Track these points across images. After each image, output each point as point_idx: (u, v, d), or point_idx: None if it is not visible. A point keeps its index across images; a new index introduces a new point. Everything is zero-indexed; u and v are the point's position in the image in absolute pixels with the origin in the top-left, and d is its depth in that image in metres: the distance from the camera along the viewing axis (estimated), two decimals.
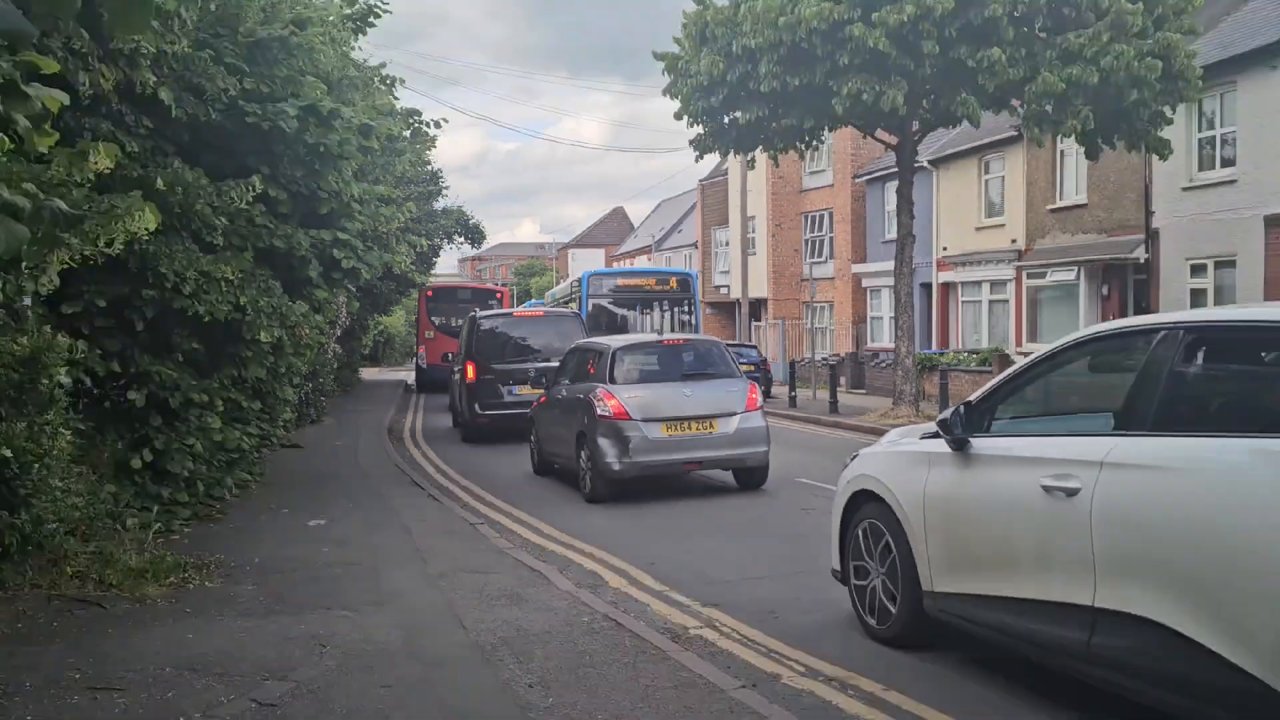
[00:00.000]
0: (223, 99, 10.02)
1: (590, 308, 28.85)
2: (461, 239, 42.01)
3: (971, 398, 6.22)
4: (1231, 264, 22.80)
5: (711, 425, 12.66)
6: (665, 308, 29.93)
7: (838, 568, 7.29)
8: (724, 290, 48.57)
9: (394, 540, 10.52)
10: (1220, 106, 23.29)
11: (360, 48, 16.11)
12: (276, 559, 9.50)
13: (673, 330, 27.69)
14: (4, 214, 2.71)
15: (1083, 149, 22.15)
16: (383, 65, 18.35)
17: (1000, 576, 5.65)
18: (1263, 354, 5.02)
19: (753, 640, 6.88)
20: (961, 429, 5.98)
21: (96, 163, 5.26)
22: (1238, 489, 4.30)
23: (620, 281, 32.30)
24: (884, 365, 30.72)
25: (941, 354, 30.75)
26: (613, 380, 12.85)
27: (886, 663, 6.33)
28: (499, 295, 41.57)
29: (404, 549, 10.05)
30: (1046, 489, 5.19)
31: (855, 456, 7.45)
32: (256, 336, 10.81)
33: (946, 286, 34.02)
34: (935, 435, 6.30)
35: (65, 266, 7.28)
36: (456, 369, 22.62)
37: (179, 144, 10.24)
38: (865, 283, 39.22)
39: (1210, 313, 5.04)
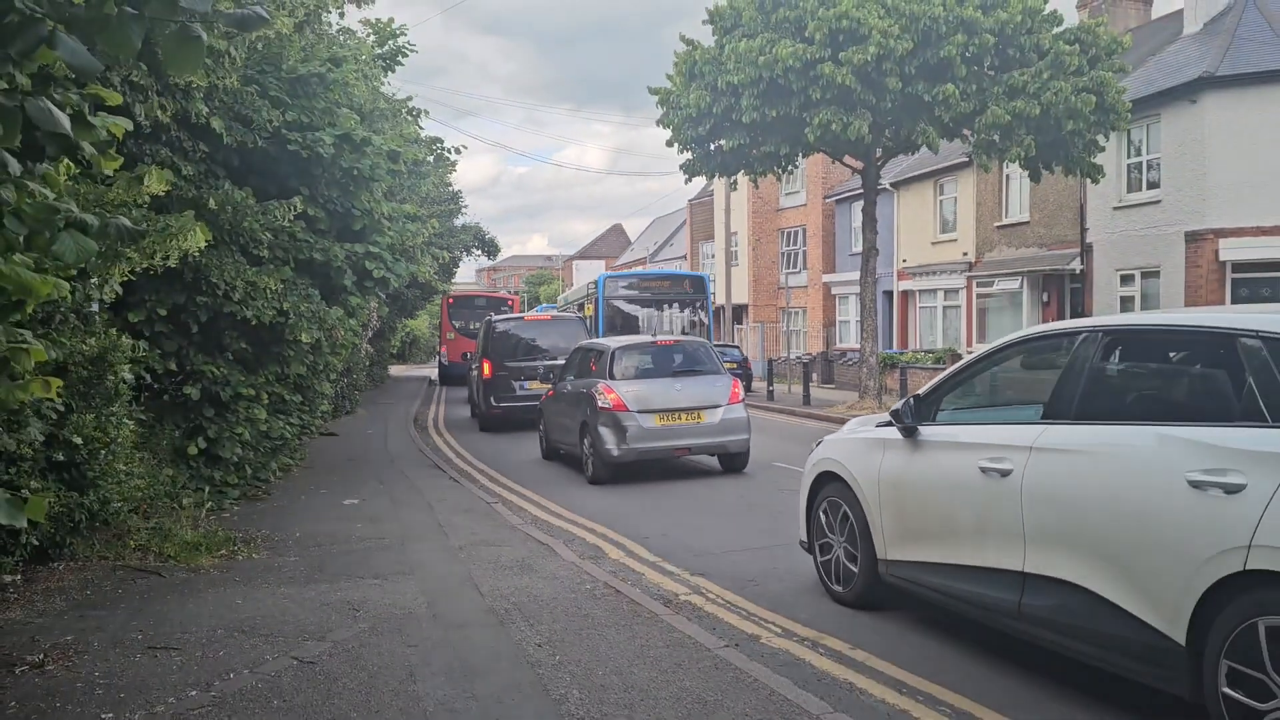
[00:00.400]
0: (267, 128, 10.05)
1: (606, 309, 27.51)
2: (479, 251, 42.05)
3: (920, 391, 6.40)
4: (1156, 274, 22.96)
5: (699, 416, 12.77)
6: (679, 308, 28.15)
7: (805, 540, 7.40)
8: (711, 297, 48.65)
9: (418, 517, 10.54)
10: (1146, 136, 23.39)
11: (389, 82, 16.13)
12: (315, 534, 9.53)
13: (685, 331, 26.10)
14: (75, 229, 2.71)
15: (1026, 173, 22.24)
16: (409, 98, 18.36)
17: (943, 546, 5.79)
18: (1168, 353, 5.25)
19: (735, 605, 6.92)
20: (911, 418, 6.14)
21: (150, 186, 5.26)
22: (1144, 470, 4.47)
23: (634, 282, 30.16)
24: (851, 363, 30.72)
25: (901, 353, 30.81)
26: (612, 376, 12.93)
27: (852, 624, 6.37)
28: (510, 303, 42.29)
29: (427, 525, 10.07)
30: (984, 470, 5.37)
31: (820, 443, 7.54)
32: (298, 337, 10.87)
33: (906, 294, 34.05)
34: (888, 424, 6.41)
35: (126, 279, 7.31)
36: (474, 366, 22.81)
37: (229, 167, 10.27)
38: (834, 290, 39.24)
39: (1125, 317, 5.47)
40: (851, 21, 18.87)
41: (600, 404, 12.58)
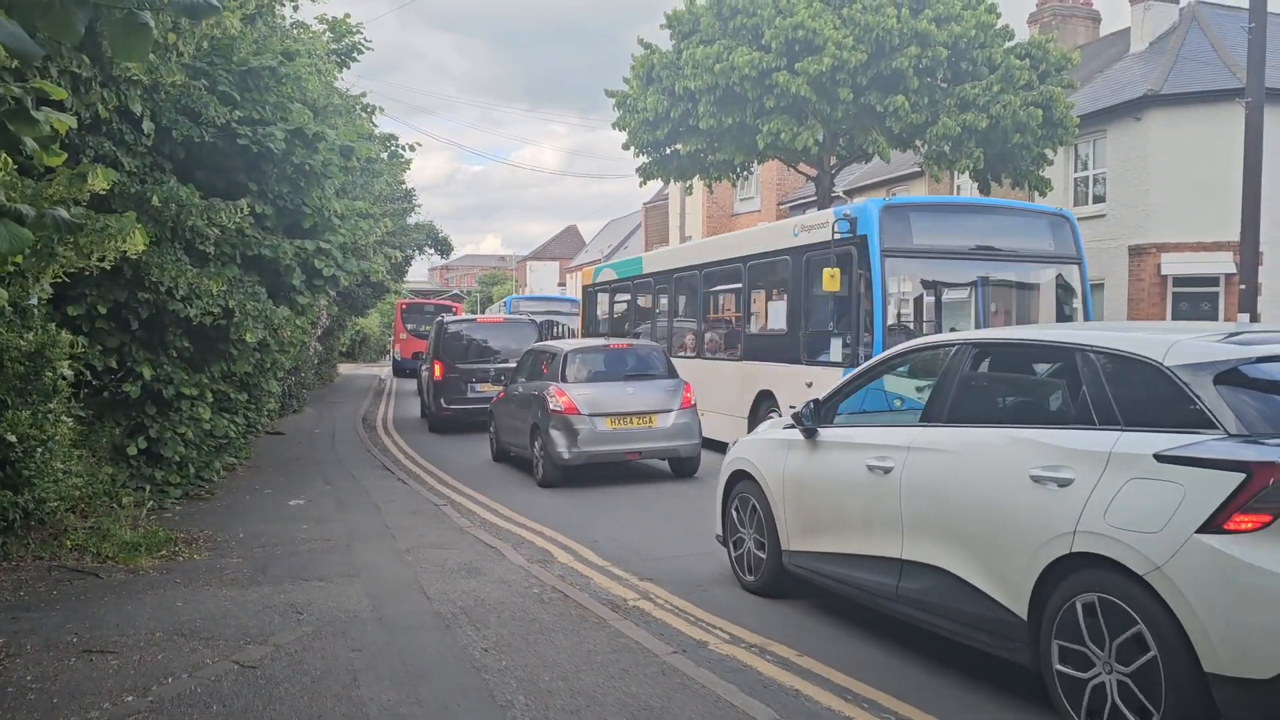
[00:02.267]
0: (215, 123, 9.87)
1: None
2: (432, 250, 41.61)
3: (820, 396, 6.87)
4: (1101, 286, 23.31)
5: (651, 420, 12.72)
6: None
7: (720, 534, 7.83)
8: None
9: (366, 519, 10.40)
10: (1093, 151, 23.85)
11: (343, 78, 15.97)
12: (259, 535, 9.36)
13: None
14: (9, 219, 2.63)
15: (976, 184, 22.53)
16: (364, 94, 18.14)
17: (836, 537, 6.31)
18: (1024, 364, 5.82)
19: (683, 610, 6.89)
20: (811, 421, 6.62)
21: (93, 184, 5.15)
22: (996, 467, 5.05)
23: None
24: None
25: None
26: (564, 379, 12.84)
27: (798, 631, 6.39)
28: (455, 310, 44.58)
29: (374, 526, 9.94)
30: (870, 468, 5.91)
31: (734, 443, 7.96)
32: (243, 337, 10.67)
33: None
34: (793, 426, 6.82)
35: (58, 279, 7.16)
36: (425, 367, 22.60)
37: (175, 160, 10.05)
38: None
39: (991, 332, 6.30)
40: (807, 31, 19.02)
41: (552, 407, 12.48)
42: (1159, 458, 4.23)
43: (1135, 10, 27.55)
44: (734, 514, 7.53)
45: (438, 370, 20.29)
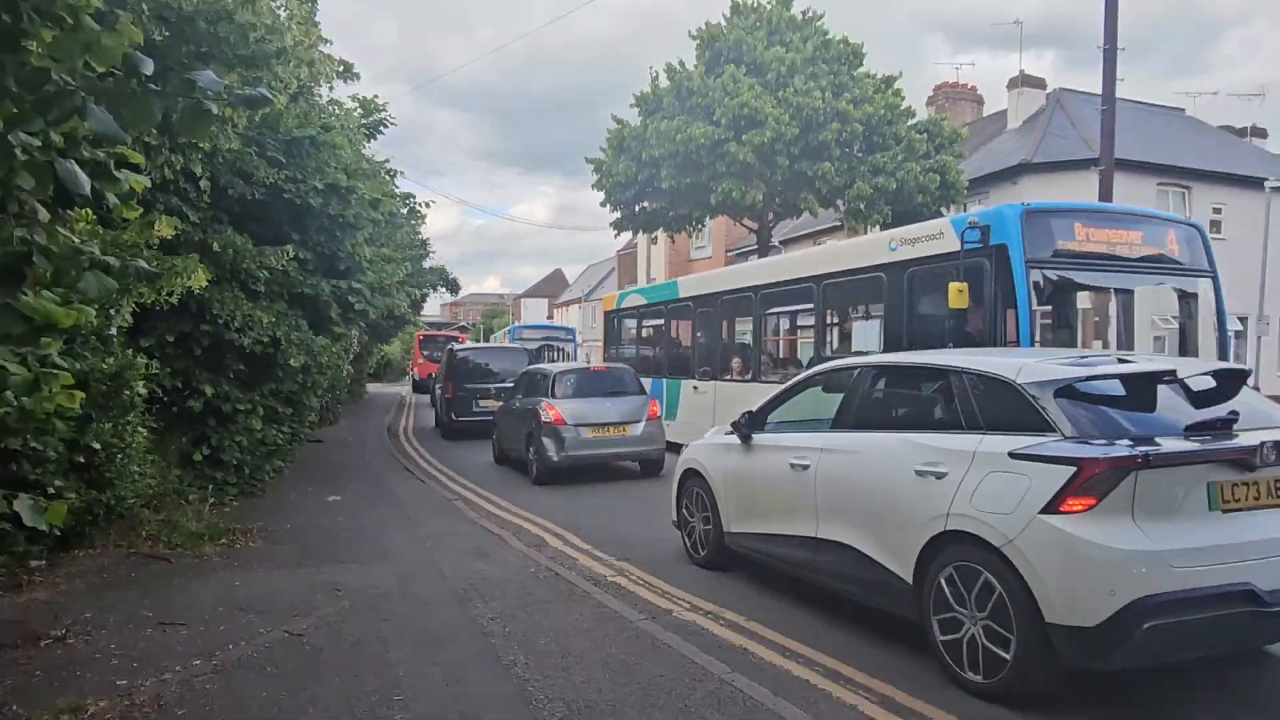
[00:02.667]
0: (265, 183, 9.82)
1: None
2: (443, 289, 41.46)
3: (753, 408, 6.94)
4: None
5: (625, 429, 12.68)
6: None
7: (675, 520, 7.92)
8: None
9: (391, 512, 10.29)
10: (980, 209, 24.10)
11: (371, 147, 15.90)
12: (304, 525, 9.25)
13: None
14: (98, 269, 2.59)
15: None
16: (387, 160, 18.09)
17: (766, 520, 6.44)
18: (912, 382, 5.90)
19: (652, 584, 6.87)
20: (747, 429, 6.77)
21: (160, 230, 5.11)
22: (889, 463, 5.21)
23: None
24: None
25: None
26: (553, 395, 12.80)
27: (746, 600, 6.38)
28: (461, 339, 44.35)
29: (399, 518, 9.84)
30: (792, 466, 6.05)
31: (686, 446, 7.99)
32: (289, 361, 10.58)
33: None
34: (732, 433, 6.97)
35: (135, 311, 7.09)
36: (438, 386, 22.50)
37: (231, 214, 9.96)
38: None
39: (886, 356, 6.50)
40: (751, 110, 19.18)
41: (544, 419, 12.42)
42: (1012, 455, 4.45)
43: (1011, 95, 28.05)
44: (686, 504, 7.66)
45: (449, 390, 20.24)
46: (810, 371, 6.79)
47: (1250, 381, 4.97)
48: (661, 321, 17.57)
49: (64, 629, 5.50)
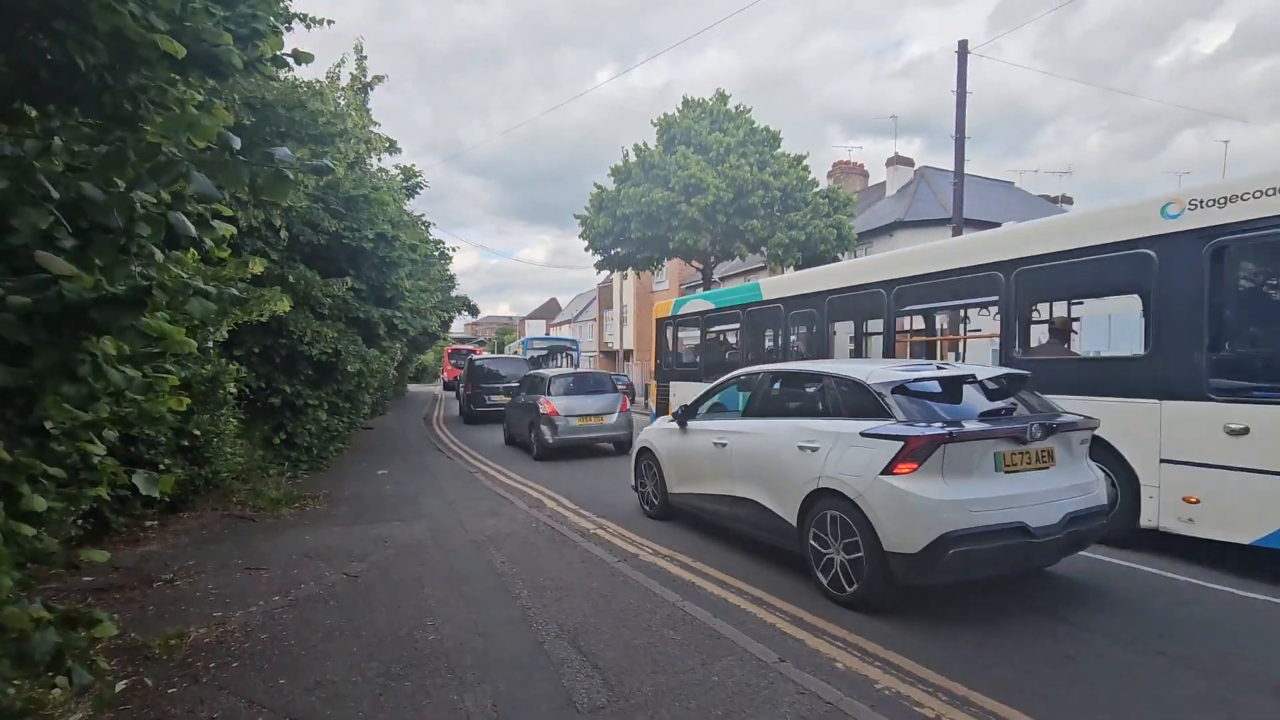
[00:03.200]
0: (328, 231, 9.69)
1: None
2: (465, 312, 41.27)
3: (688, 402, 7.20)
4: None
5: (603, 419, 12.67)
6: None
7: (633, 484, 7.97)
8: (610, 343, 48.67)
9: (426, 481, 10.15)
10: (867, 255, 24.41)
11: (410, 204, 15.77)
12: (359, 493, 9.09)
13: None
14: (201, 296, 2.54)
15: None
16: (423, 215, 17.92)
17: (698, 484, 6.61)
18: (799, 383, 5.98)
19: (625, 535, 6.84)
20: (683, 418, 7.02)
21: (253, 268, 5.03)
22: (781, 441, 5.41)
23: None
24: None
25: None
26: (550, 394, 12.77)
27: (695, 545, 6.38)
28: (478, 351, 45.93)
29: (432, 486, 9.71)
30: (715, 444, 6.29)
31: (642, 431, 8.05)
32: (347, 368, 10.42)
33: None
34: (673, 420, 7.21)
35: (232, 328, 6.95)
36: (461, 385, 22.55)
37: (302, 255, 9.82)
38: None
39: (782, 365, 6.32)
40: (697, 180, 19.31)
41: (542, 411, 12.40)
42: (862, 434, 4.75)
43: (889, 170, 28.49)
44: (640, 473, 7.78)
45: (470, 388, 20.46)
46: (728, 376, 6.82)
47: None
48: (736, 325, 12.38)
49: (172, 574, 5.38)
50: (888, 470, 4.47)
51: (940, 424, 4.50)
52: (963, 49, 14.66)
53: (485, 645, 4.12)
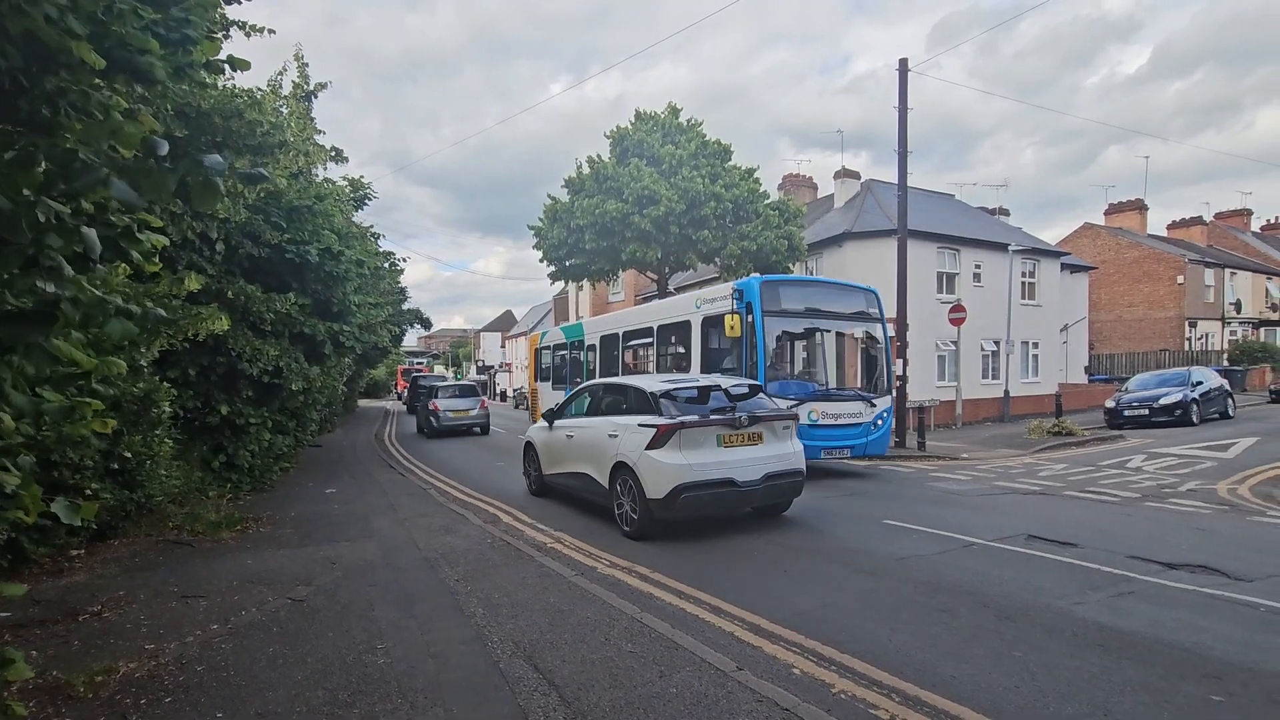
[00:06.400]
0: (270, 243, 9.35)
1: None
2: (418, 325, 40.43)
3: (554, 406, 9.31)
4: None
5: (469, 412, 20.67)
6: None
7: (523, 471, 10.25)
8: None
9: (377, 499, 9.85)
10: (817, 265, 24.74)
11: (359, 216, 15.39)
12: (305, 513, 8.75)
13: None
14: (123, 316, 2.39)
15: None
16: (371, 226, 17.56)
17: (559, 466, 8.81)
18: (614, 392, 8.04)
19: (581, 548, 6.76)
20: (550, 419, 9.12)
21: (188, 285, 4.80)
22: (601, 432, 7.70)
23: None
24: None
25: None
26: (437, 396, 21.20)
27: (656, 560, 6.33)
28: (424, 370, 55.03)
29: (383, 504, 9.42)
30: (567, 436, 8.57)
31: (528, 430, 10.05)
32: (290, 386, 10.05)
33: None
34: (545, 421, 9.23)
35: (164, 349, 6.64)
36: (405, 394, 29.77)
37: (242, 269, 9.44)
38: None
39: (607, 380, 8.58)
40: (650, 191, 19.37)
41: (432, 408, 20.14)
42: (639, 425, 7.02)
43: (836, 183, 29.14)
44: (526, 462, 9.98)
45: (408, 393, 28.19)
46: (581, 387, 9.00)
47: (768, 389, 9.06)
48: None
49: (99, 605, 5.06)
50: (650, 447, 6.78)
51: (684, 418, 6.78)
52: (903, 67, 15.13)
53: (437, 667, 3.99)
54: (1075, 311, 29.48)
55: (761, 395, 7.46)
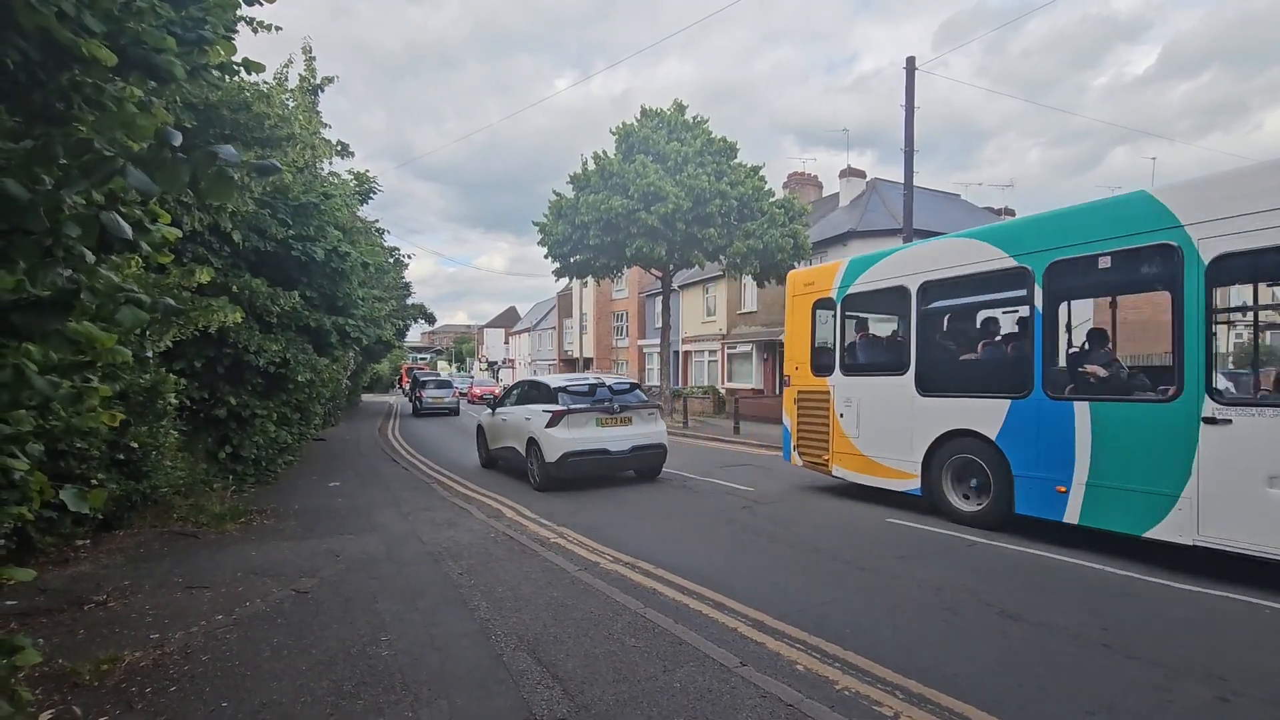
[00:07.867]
0: (276, 239, 9.38)
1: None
2: (422, 320, 40.48)
3: (497, 396, 12.40)
4: None
5: (444, 400, 28.10)
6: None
7: (478, 450, 12.57)
8: (570, 352, 48.43)
9: (380, 493, 9.90)
10: (822, 263, 24.82)
11: (364, 211, 15.44)
12: (309, 506, 8.80)
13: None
14: (134, 304, 2.41)
15: (755, 282, 23.23)
16: (376, 220, 17.59)
17: (500, 443, 11.21)
18: (534, 387, 10.78)
19: (585, 544, 6.80)
20: (492, 407, 11.66)
21: (199, 277, 4.83)
22: (523, 418, 10.26)
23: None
24: (654, 392, 31.09)
25: (683, 388, 31.40)
26: (421, 387, 30.02)
27: (656, 553, 6.34)
28: (424, 367, 61.67)
29: (386, 498, 9.47)
30: (503, 420, 11.10)
31: (481, 416, 12.55)
32: (296, 378, 10.09)
33: (686, 353, 34.61)
34: (491, 409, 11.73)
35: (176, 339, 6.67)
36: (407, 387, 32.70)
37: (249, 263, 9.46)
38: (644, 350, 39.60)
39: (534, 378, 10.95)
40: (656, 188, 19.39)
41: (415, 395, 26.93)
42: (543, 411, 9.70)
43: (841, 182, 29.14)
44: (477, 441, 12.53)
45: (409, 387, 32.95)
46: (514, 383, 11.53)
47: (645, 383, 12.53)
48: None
49: (105, 595, 5.10)
50: (548, 426, 9.50)
51: (574, 406, 9.57)
52: (910, 65, 15.10)
53: (441, 659, 4.01)
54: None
55: (638, 390, 10.29)
